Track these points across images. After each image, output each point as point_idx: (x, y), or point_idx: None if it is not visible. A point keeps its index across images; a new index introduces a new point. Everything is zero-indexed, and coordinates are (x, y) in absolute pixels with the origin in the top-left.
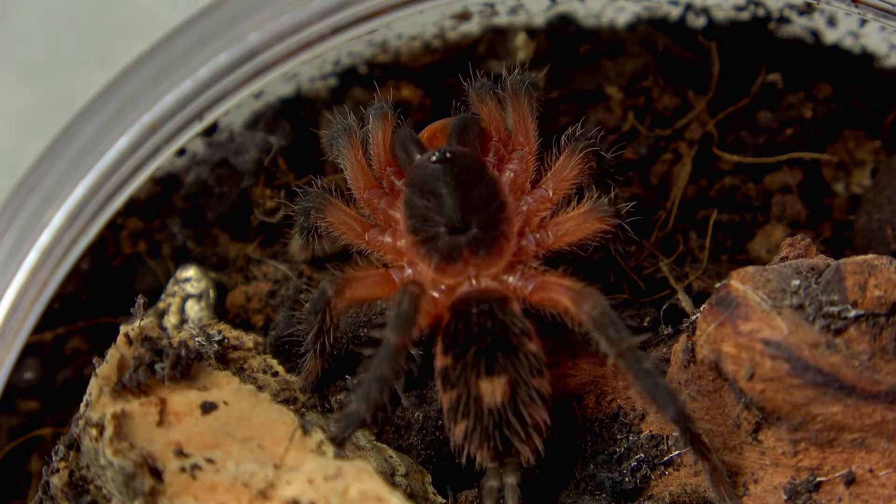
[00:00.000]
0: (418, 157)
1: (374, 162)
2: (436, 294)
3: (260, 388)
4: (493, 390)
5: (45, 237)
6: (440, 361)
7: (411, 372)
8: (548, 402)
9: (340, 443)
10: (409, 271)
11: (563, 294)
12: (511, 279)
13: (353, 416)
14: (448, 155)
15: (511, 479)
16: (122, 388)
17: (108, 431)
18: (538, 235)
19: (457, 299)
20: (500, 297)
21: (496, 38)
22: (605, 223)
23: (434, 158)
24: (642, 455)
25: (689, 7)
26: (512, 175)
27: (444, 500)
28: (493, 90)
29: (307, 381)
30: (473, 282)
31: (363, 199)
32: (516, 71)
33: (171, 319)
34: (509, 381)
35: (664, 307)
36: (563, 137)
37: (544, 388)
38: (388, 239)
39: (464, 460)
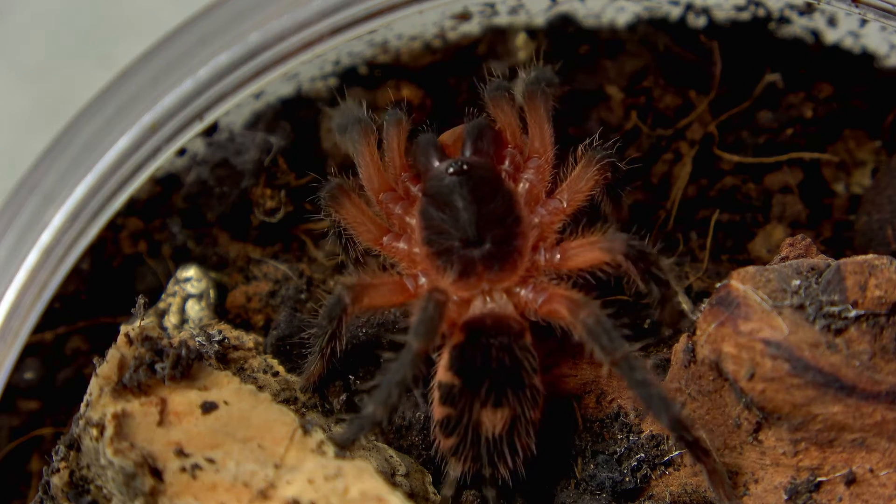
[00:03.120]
0: (436, 164)
1: (388, 167)
2: (449, 305)
3: (260, 388)
4: (494, 422)
5: (45, 237)
6: (444, 376)
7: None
8: (537, 431)
9: (351, 444)
10: (423, 280)
11: (562, 304)
12: (523, 292)
13: (369, 418)
14: (465, 167)
15: (492, 492)
16: (122, 388)
17: (109, 431)
18: (549, 255)
19: (472, 320)
20: (518, 329)
21: (496, 39)
22: (613, 260)
23: (451, 170)
24: (643, 455)
25: (689, 7)
26: (527, 186)
27: None
28: (509, 91)
29: (308, 382)
30: (487, 298)
31: (378, 201)
32: (531, 71)
33: (171, 319)
34: (512, 416)
35: None
36: (580, 147)
37: (537, 418)
38: (403, 245)
39: (443, 468)
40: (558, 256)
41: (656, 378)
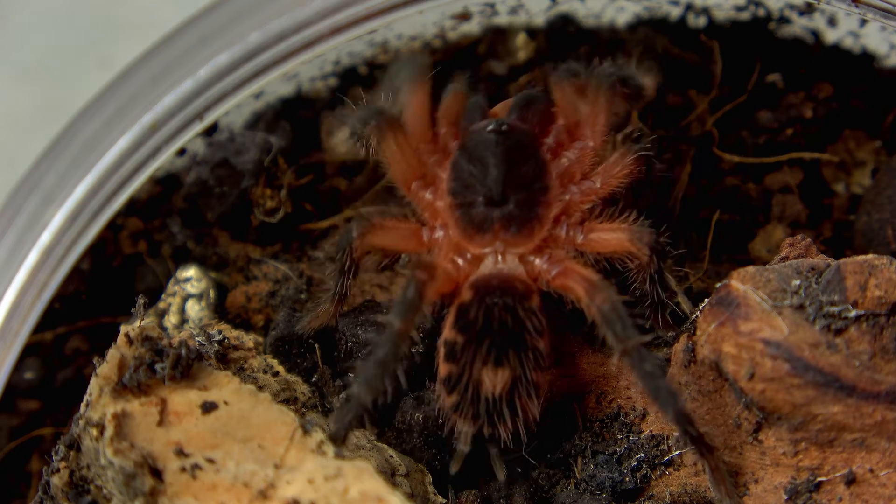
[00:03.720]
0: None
1: (437, 123)
2: (460, 261)
3: (260, 388)
4: (495, 382)
5: (45, 237)
6: (448, 333)
7: (413, 357)
8: (541, 395)
9: (344, 434)
10: (441, 233)
11: (579, 283)
12: (537, 261)
13: (355, 401)
14: (504, 127)
15: (494, 450)
16: (122, 388)
17: (109, 431)
18: (571, 232)
19: (480, 279)
20: (525, 290)
21: (496, 39)
22: (639, 252)
23: (490, 128)
24: (643, 455)
25: (689, 7)
26: (566, 163)
27: (444, 500)
28: (575, 74)
29: (311, 326)
30: (499, 258)
31: (416, 150)
32: (608, 63)
33: (171, 319)
34: (513, 376)
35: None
36: (619, 136)
37: (542, 382)
38: (429, 196)
39: (447, 427)
40: (581, 236)
41: (665, 371)
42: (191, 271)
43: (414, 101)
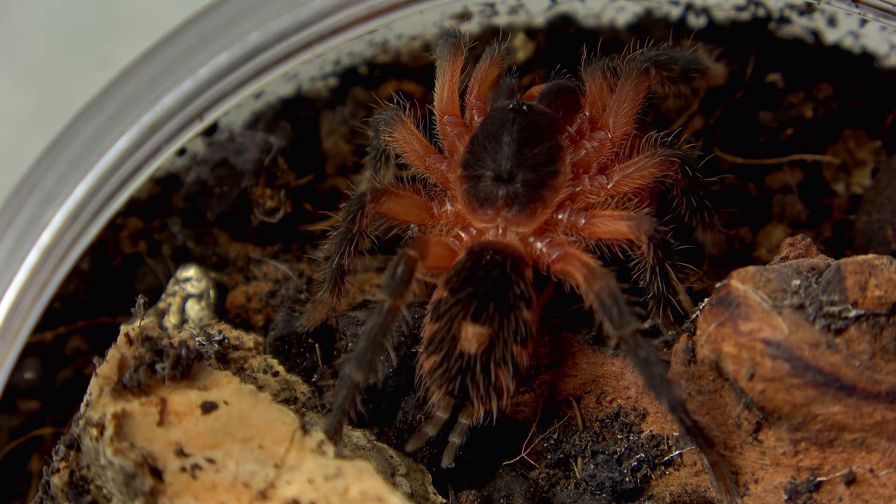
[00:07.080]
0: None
1: (468, 90)
2: (464, 235)
3: (260, 388)
4: (471, 336)
5: (45, 237)
6: (437, 294)
7: (402, 333)
8: (520, 373)
9: (337, 421)
10: (449, 207)
11: (578, 269)
12: (539, 244)
13: (346, 380)
14: (524, 108)
15: (455, 440)
16: (122, 388)
17: (109, 431)
18: (574, 217)
19: (477, 243)
20: (517, 256)
21: (496, 38)
22: (637, 240)
23: (511, 107)
24: (643, 455)
25: (689, 7)
26: (584, 153)
27: (444, 500)
28: (613, 71)
29: (311, 320)
30: (500, 234)
31: (440, 122)
32: (642, 50)
33: (171, 319)
34: (490, 336)
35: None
36: (650, 138)
37: (522, 358)
38: (444, 167)
39: (421, 396)
40: (583, 220)
41: (661, 359)
42: (191, 271)
43: (447, 72)
